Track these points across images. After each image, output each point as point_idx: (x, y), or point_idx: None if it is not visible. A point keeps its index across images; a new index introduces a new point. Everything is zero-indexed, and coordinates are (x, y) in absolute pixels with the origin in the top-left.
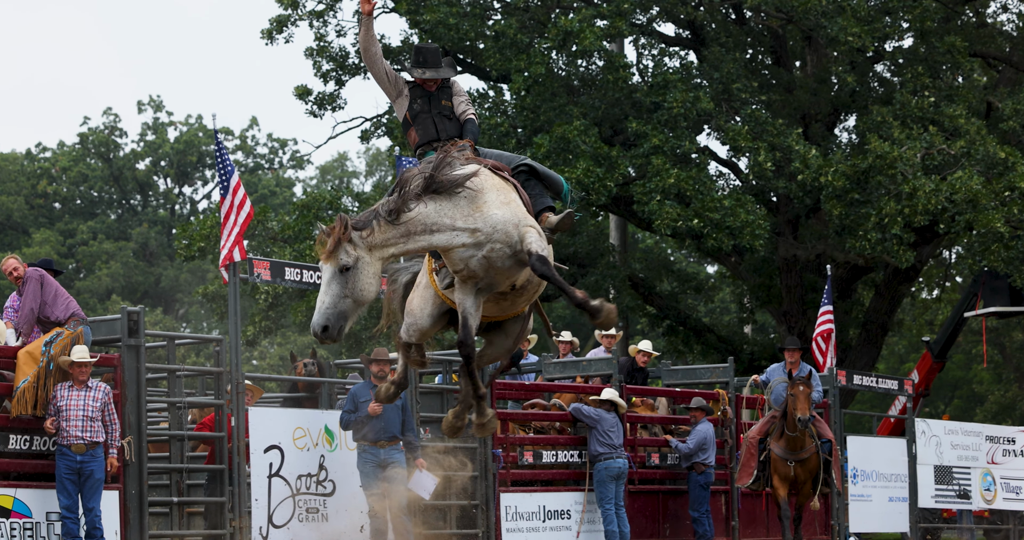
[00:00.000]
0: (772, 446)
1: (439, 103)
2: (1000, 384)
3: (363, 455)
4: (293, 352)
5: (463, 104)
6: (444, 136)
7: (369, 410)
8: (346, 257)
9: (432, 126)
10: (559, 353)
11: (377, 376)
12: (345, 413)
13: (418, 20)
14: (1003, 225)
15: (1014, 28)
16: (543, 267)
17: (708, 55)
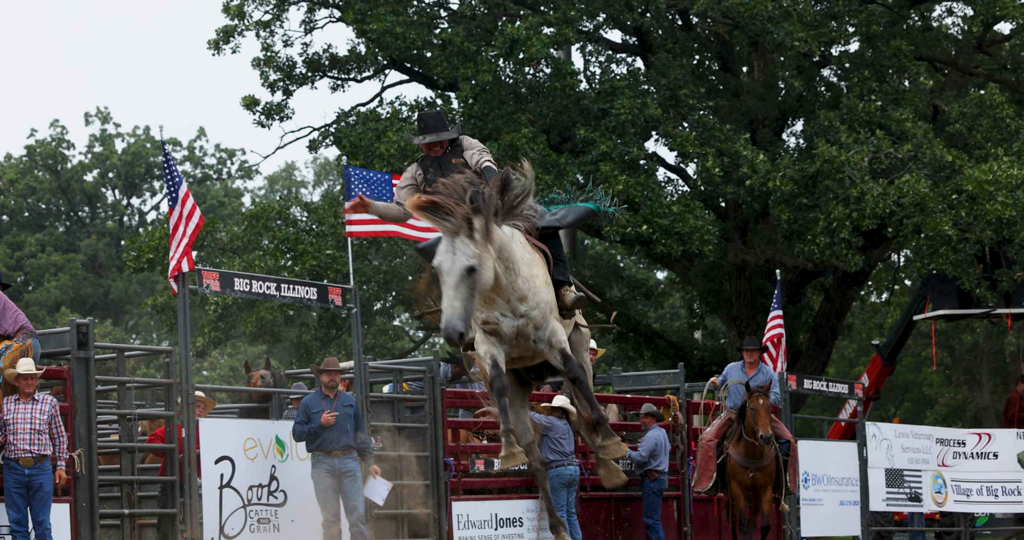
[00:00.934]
0: (731, 452)
1: (449, 163)
2: (950, 387)
3: (317, 465)
4: (248, 362)
5: (476, 155)
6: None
7: (322, 420)
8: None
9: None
10: None
11: (328, 386)
12: (298, 424)
13: (365, 29)
14: (951, 228)
15: (959, 32)
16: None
17: (655, 61)
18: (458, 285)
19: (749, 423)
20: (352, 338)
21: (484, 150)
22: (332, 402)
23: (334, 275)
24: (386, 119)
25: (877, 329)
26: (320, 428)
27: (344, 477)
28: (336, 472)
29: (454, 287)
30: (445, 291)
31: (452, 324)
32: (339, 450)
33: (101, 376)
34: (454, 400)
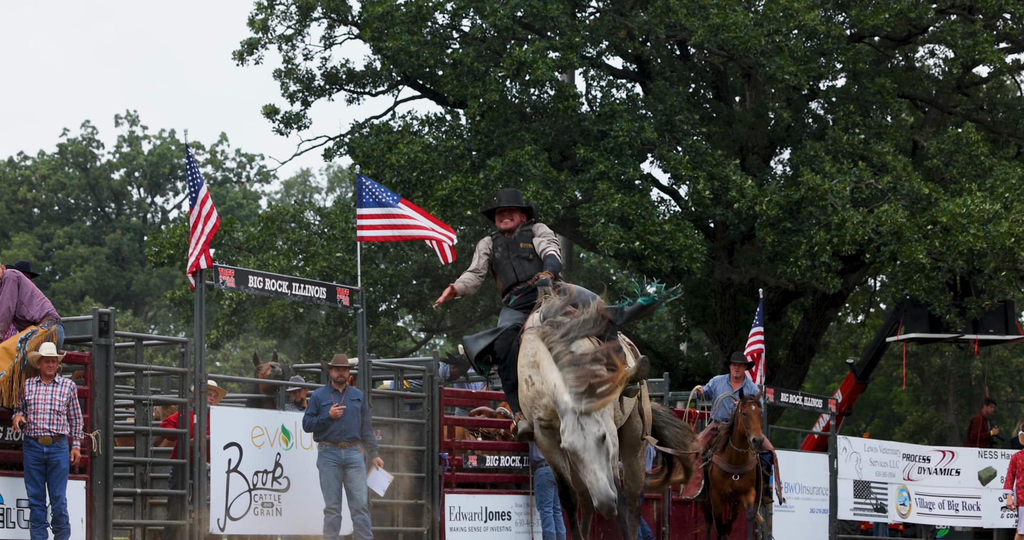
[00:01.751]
0: (715, 460)
1: (517, 247)
2: (918, 406)
3: (324, 455)
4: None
5: (543, 243)
6: (523, 277)
7: (331, 413)
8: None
9: (511, 270)
10: None
11: (337, 381)
12: (307, 416)
13: (381, 47)
14: (925, 257)
15: (940, 72)
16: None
17: (653, 88)
18: (597, 456)
19: (740, 428)
20: (357, 336)
21: (553, 241)
22: (341, 396)
23: (343, 277)
24: (398, 132)
25: (852, 348)
26: (328, 420)
27: (349, 467)
28: (342, 462)
29: (595, 460)
30: (587, 467)
31: (606, 495)
32: (346, 442)
33: (120, 363)
34: (451, 398)
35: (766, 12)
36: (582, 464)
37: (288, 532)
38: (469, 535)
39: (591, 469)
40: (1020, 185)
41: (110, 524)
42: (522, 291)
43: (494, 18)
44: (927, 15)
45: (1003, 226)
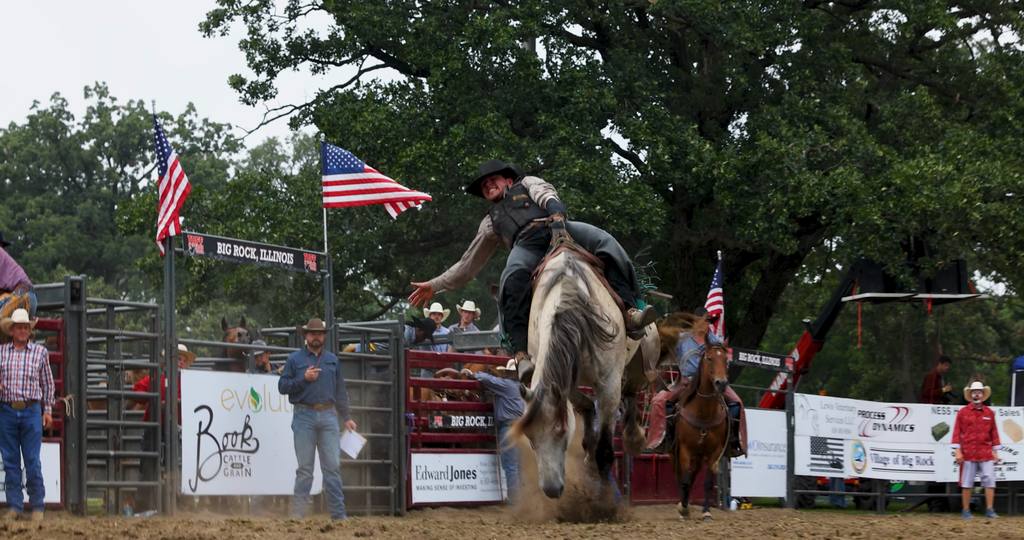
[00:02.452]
0: (683, 413)
1: (511, 200)
2: (873, 364)
3: (300, 417)
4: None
5: (539, 190)
6: (523, 222)
7: (306, 376)
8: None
9: (511, 222)
10: (460, 322)
11: (312, 345)
12: (283, 378)
13: (345, 17)
14: (879, 218)
15: (894, 37)
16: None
17: (612, 55)
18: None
19: (706, 373)
20: (324, 301)
21: (548, 187)
22: (316, 359)
23: (309, 243)
24: (362, 100)
25: (808, 308)
26: (304, 382)
27: (324, 430)
28: (317, 425)
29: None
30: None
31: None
32: (321, 404)
33: (92, 329)
34: (416, 361)
35: None
36: (536, 450)
37: (257, 492)
38: (435, 493)
39: (543, 458)
40: (972, 147)
41: (84, 486)
42: (528, 232)
43: None
44: None
45: (955, 187)
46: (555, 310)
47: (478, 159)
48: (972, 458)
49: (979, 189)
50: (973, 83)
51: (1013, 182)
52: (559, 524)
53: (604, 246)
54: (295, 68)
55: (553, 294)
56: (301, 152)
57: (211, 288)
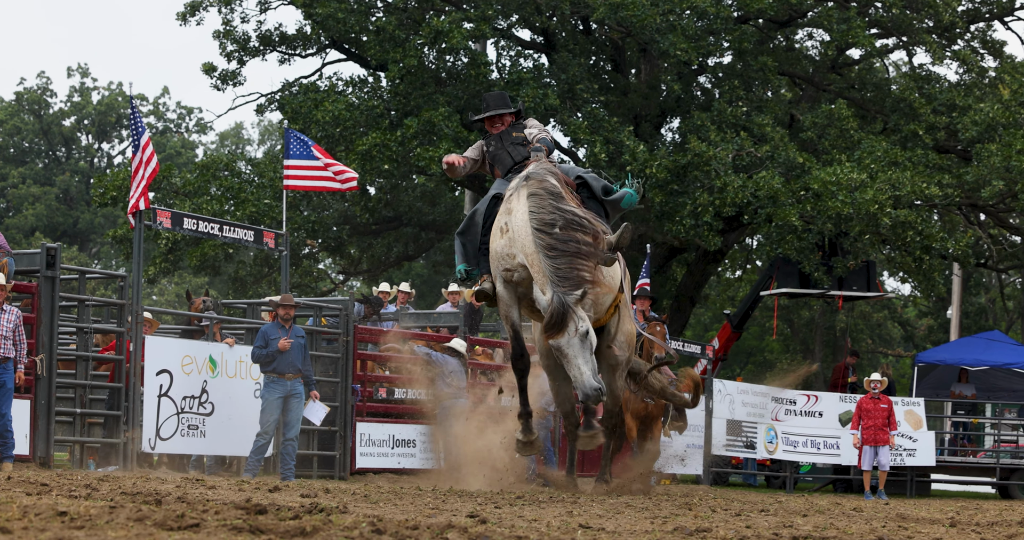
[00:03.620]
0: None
1: (510, 136)
2: (787, 354)
3: (271, 385)
4: (189, 290)
5: (535, 130)
6: (519, 159)
7: (279, 346)
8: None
9: (507, 156)
10: (396, 301)
11: (283, 318)
12: (256, 348)
13: (312, 13)
14: (797, 219)
15: (817, 53)
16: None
17: (557, 59)
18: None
19: (647, 349)
20: (281, 277)
21: (545, 130)
22: (287, 332)
23: (270, 221)
24: (324, 91)
25: (729, 301)
26: (276, 352)
27: (292, 398)
28: (287, 393)
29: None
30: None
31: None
32: (291, 374)
33: (64, 294)
34: (364, 335)
35: None
36: (566, 359)
37: (210, 452)
38: (377, 460)
39: (575, 364)
40: (885, 158)
41: (51, 440)
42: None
43: None
44: (807, 1)
45: (868, 194)
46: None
47: (429, 150)
48: (870, 443)
49: (890, 196)
50: (888, 99)
51: (921, 191)
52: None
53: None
54: (263, 58)
55: (521, 193)
56: (265, 137)
57: (177, 260)
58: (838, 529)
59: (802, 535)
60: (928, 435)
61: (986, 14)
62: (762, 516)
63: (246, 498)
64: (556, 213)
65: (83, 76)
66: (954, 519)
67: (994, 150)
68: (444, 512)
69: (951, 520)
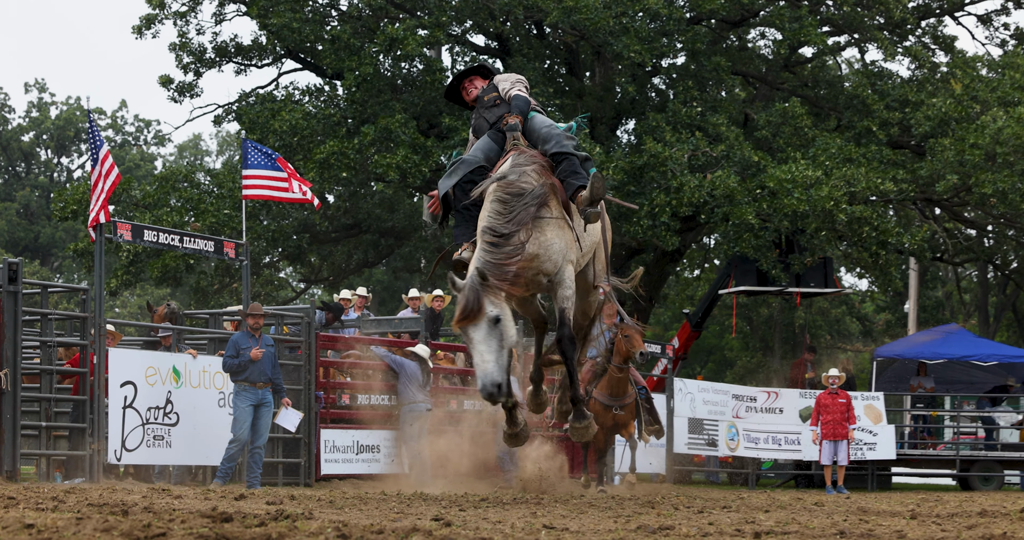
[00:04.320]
0: (595, 394)
1: (483, 101)
2: (747, 351)
3: (242, 394)
4: (149, 302)
5: (507, 86)
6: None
7: (252, 356)
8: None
9: (484, 122)
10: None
11: (253, 327)
12: (228, 358)
13: (267, 23)
14: (754, 218)
15: (770, 52)
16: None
17: (512, 63)
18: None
19: (621, 349)
20: (242, 286)
21: (517, 81)
22: (257, 341)
23: (229, 232)
24: (281, 101)
25: (688, 300)
26: (248, 362)
27: (262, 406)
28: (258, 401)
29: (483, 341)
30: (475, 347)
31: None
32: (262, 383)
33: (27, 308)
34: (326, 343)
35: None
36: (470, 343)
37: (176, 462)
38: (342, 466)
39: (478, 350)
40: (839, 155)
41: (18, 454)
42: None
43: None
44: (759, 1)
45: (823, 191)
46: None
47: (386, 157)
48: (830, 438)
49: (845, 193)
50: (841, 96)
51: (876, 187)
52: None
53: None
54: (220, 70)
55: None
56: (224, 147)
57: (138, 272)
58: (800, 524)
59: (764, 531)
60: (888, 429)
61: (936, 10)
62: (724, 513)
63: (212, 506)
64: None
65: (41, 91)
66: (915, 511)
67: (947, 145)
68: (409, 516)
69: (912, 512)
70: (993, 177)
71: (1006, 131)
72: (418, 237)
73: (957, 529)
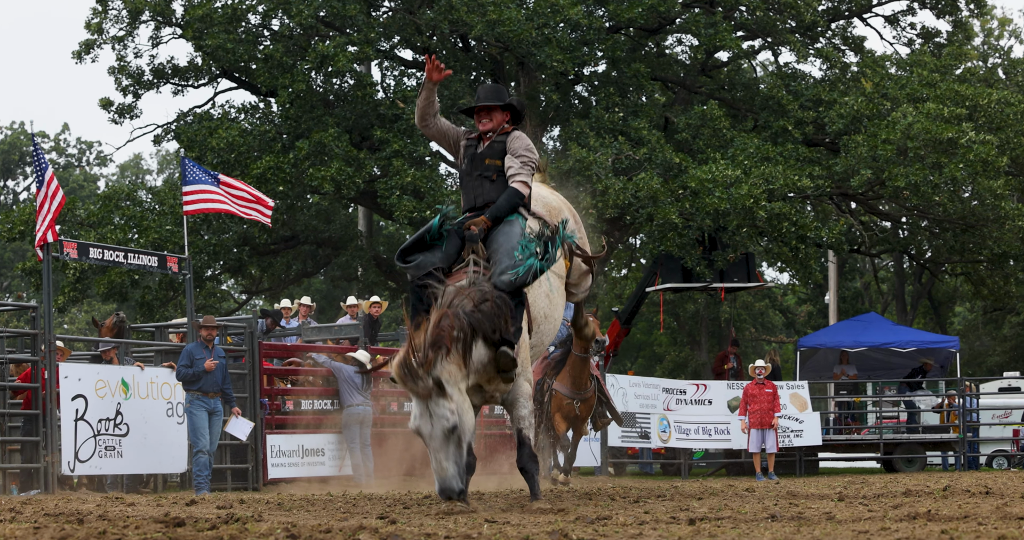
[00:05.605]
0: (556, 386)
1: (482, 163)
2: (675, 346)
3: (196, 403)
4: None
5: (515, 166)
6: (480, 202)
7: (206, 366)
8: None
9: (470, 192)
10: (299, 315)
11: (206, 338)
12: (182, 367)
13: (202, 44)
14: (677, 217)
15: (687, 58)
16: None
17: None
18: (444, 446)
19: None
20: (186, 299)
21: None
22: (211, 352)
23: (172, 247)
24: (217, 119)
25: (617, 298)
26: (203, 372)
27: (214, 415)
28: (211, 410)
29: (441, 449)
30: (433, 454)
31: (448, 486)
32: (215, 392)
33: None
34: (269, 351)
35: (536, 8)
36: (429, 450)
37: (128, 471)
38: (288, 469)
39: (437, 458)
40: (757, 154)
41: None
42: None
43: (300, 18)
44: (674, 8)
45: (743, 189)
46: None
47: (321, 170)
48: (757, 427)
49: (764, 190)
50: (757, 97)
51: (793, 184)
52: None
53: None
54: (158, 91)
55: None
56: (164, 166)
57: (85, 288)
58: (732, 510)
59: (698, 517)
60: (814, 416)
61: (845, 11)
62: (659, 501)
63: (164, 512)
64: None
65: None
66: (842, 493)
67: (860, 141)
68: (355, 515)
69: (839, 495)
70: (905, 171)
71: (916, 126)
72: (354, 247)
73: (883, 509)
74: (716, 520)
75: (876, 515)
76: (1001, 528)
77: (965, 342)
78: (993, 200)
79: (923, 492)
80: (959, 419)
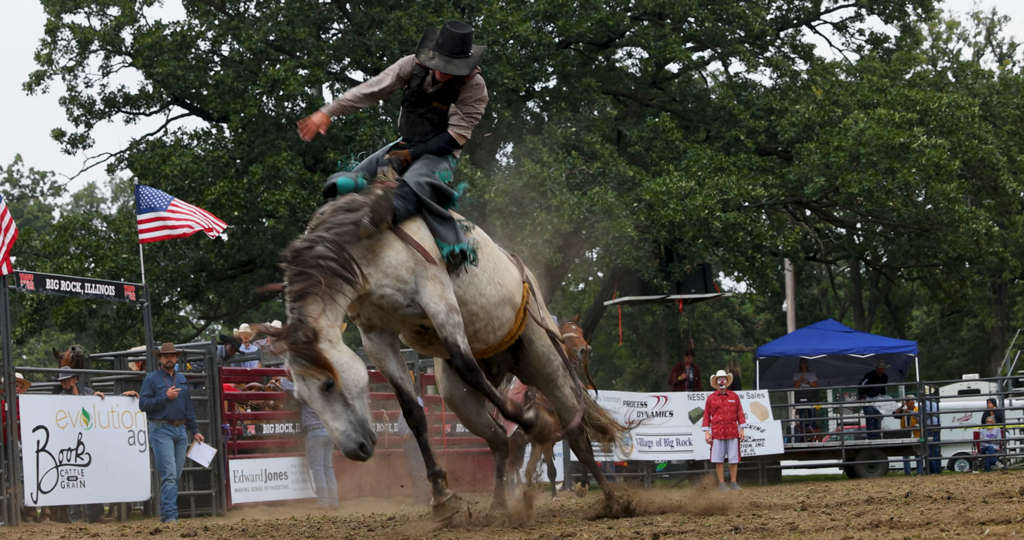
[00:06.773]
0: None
1: (429, 102)
2: (635, 358)
3: (161, 431)
4: (56, 349)
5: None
6: (416, 140)
7: (168, 394)
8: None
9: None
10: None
11: (166, 366)
12: (144, 397)
13: (152, 72)
14: (633, 230)
15: (638, 71)
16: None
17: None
18: (325, 407)
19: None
20: (144, 327)
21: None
22: (172, 379)
23: (129, 275)
24: (170, 146)
25: (575, 312)
26: (166, 401)
27: (179, 442)
28: (176, 438)
29: (325, 410)
30: (320, 416)
31: (346, 445)
32: (179, 420)
33: None
34: (229, 376)
35: (485, 26)
36: (318, 414)
37: (91, 501)
38: (252, 494)
39: (324, 420)
40: (710, 164)
41: None
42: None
43: (249, 42)
44: (623, 22)
45: (698, 200)
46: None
47: (275, 194)
48: (720, 437)
49: (718, 201)
50: (709, 108)
51: (748, 193)
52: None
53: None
54: (110, 120)
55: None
56: (118, 194)
57: (43, 319)
58: (696, 523)
59: (662, 531)
60: (775, 424)
61: (794, 20)
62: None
63: None
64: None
65: None
66: (805, 503)
67: (813, 149)
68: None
69: (802, 504)
70: (858, 177)
71: (868, 132)
72: None
73: (846, 517)
74: (679, 534)
75: (839, 524)
76: (963, 534)
77: (923, 346)
78: (947, 204)
79: (885, 499)
80: (919, 423)
